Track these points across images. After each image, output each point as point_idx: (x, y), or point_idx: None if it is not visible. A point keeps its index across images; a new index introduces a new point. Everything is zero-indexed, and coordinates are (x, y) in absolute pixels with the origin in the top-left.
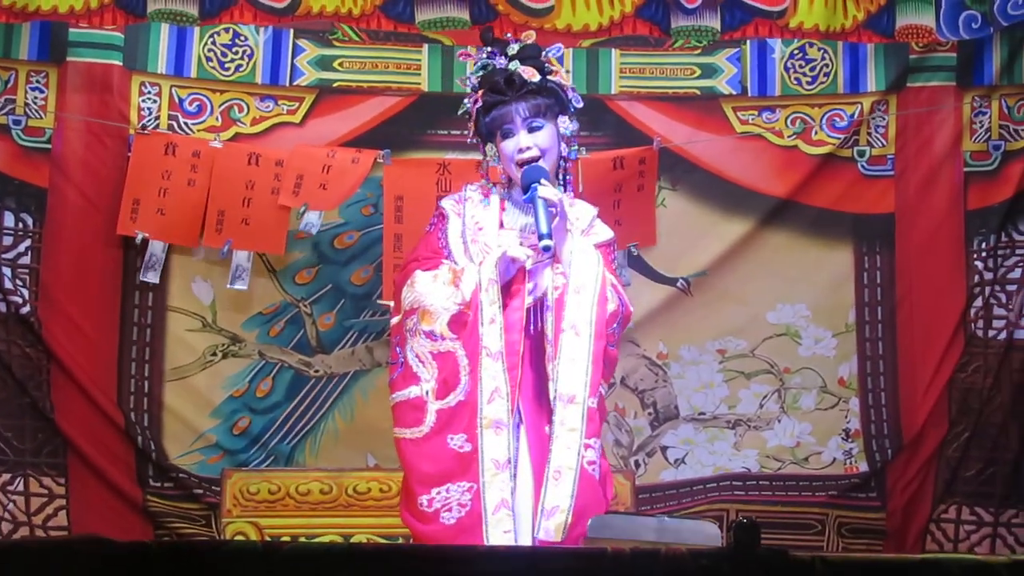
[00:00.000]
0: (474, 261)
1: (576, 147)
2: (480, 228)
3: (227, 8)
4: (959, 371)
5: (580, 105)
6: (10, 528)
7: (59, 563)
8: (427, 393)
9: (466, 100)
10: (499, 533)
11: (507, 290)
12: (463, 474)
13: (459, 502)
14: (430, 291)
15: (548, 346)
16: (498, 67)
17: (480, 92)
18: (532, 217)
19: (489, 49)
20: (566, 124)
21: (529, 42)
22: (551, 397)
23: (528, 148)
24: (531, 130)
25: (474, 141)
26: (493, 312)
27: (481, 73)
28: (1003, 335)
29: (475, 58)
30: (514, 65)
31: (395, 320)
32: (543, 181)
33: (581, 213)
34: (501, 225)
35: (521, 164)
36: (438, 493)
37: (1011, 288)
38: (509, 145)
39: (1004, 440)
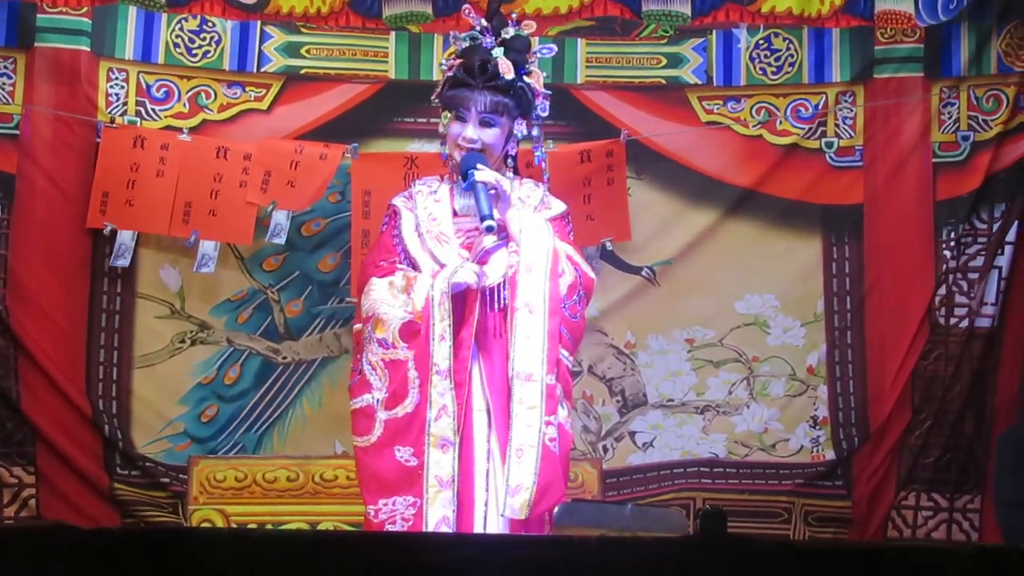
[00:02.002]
0: (434, 253)
1: (541, 151)
2: (434, 219)
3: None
4: (922, 359)
5: (545, 114)
6: None
7: (23, 549)
8: (377, 402)
9: (444, 60)
10: None
11: (461, 307)
12: (408, 488)
13: (403, 516)
14: (383, 299)
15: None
16: (484, 46)
17: (459, 61)
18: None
19: (486, 23)
20: (522, 127)
21: (525, 33)
22: (509, 376)
23: (473, 141)
24: (482, 124)
25: (436, 103)
26: (443, 328)
27: (467, 44)
28: (965, 323)
29: (474, 21)
30: (497, 52)
31: (357, 327)
32: (479, 166)
33: (530, 192)
34: (455, 213)
35: (459, 147)
36: (385, 504)
37: (973, 276)
38: (456, 128)
39: (961, 427)
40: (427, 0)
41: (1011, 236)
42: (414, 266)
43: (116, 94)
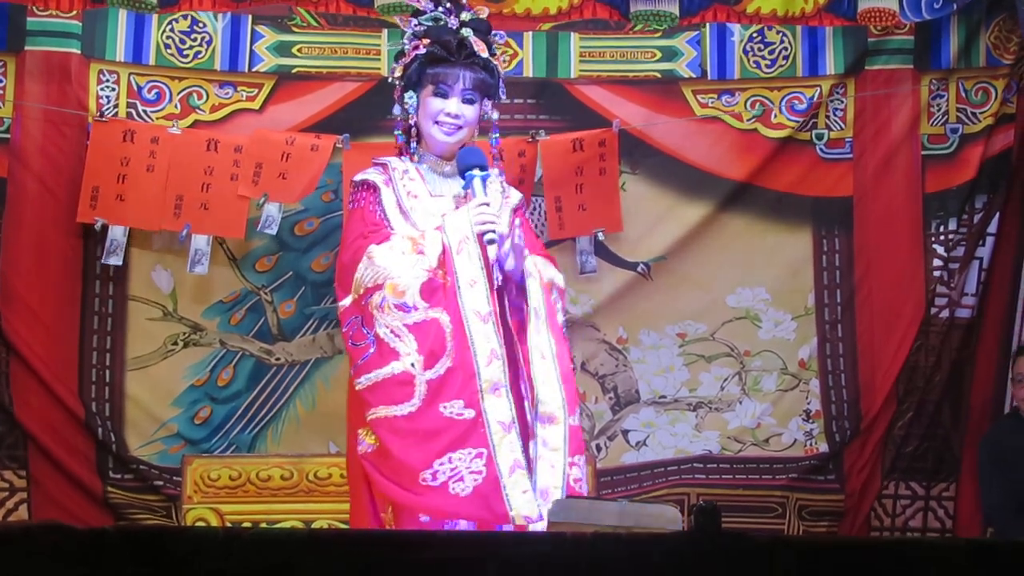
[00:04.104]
0: (418, 228)
1: (497, 134)
2: (414, 196)
3: None
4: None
5: (504, 98)
6: None
7: (17, 549)
8: (413, 366)
9: (405, 41)
10: (518, 494)
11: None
12: (466, 441)
13: (471, 470)
14: (392, 263)
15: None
16: (450, 26)
17: (425, 40)
18: (459, 186)
19: (448, 5)
20: (488, 109)
21: (483, 16)
22: (529, 420)
23: (457, 116)
24: (465, 100)
25: (397, 82)
26: (474, 273)
27: (430, 24)
28: (945, 314)
29: (425, 5)
30: (466, 32)
31: (347, 302)
32: (478, 172)
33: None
34: (429, 194)
35: (439, 123)
36: (441, 464)
37: (954, 267)
38: (437, 104)
39: (939, 417)
40: None
41: (992, 227)
42: None
43: (107, 96)
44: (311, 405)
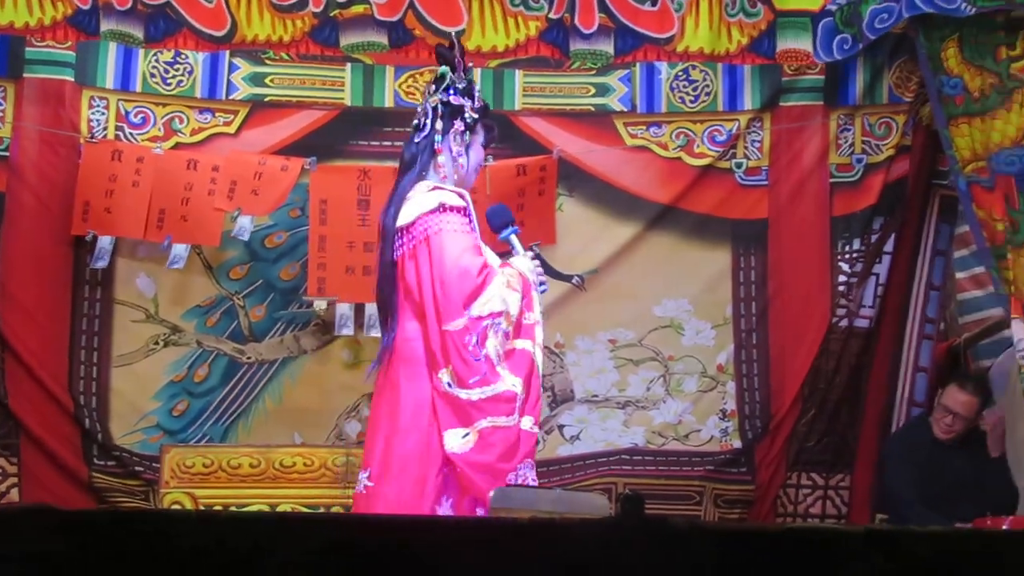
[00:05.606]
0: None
1: None
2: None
3: (171, 35)
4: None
5: None
6: None
7: (8, 528)
8: (514, 386)
9: (476, 89)
10: None
11: None
12: (532, 451)
13: (532, 477)
14: (508, 294)
15: None
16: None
17: (478, 97)
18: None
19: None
20: None
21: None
22: None
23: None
24: None
25: (469, 116)
26: (539, 313)
27: (466, 82)
28: (845, 323)
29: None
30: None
31: (463, 320)
32: (513, 231)
33: None
34: None
35: (477, 171)
36: (520, 468)
37: (852, 281)
38: (482, 154)
39: (838, 415)
40: (382, 31)
41: (889, 247)
42: None
43: (97, 119)
44: (278, 400)
